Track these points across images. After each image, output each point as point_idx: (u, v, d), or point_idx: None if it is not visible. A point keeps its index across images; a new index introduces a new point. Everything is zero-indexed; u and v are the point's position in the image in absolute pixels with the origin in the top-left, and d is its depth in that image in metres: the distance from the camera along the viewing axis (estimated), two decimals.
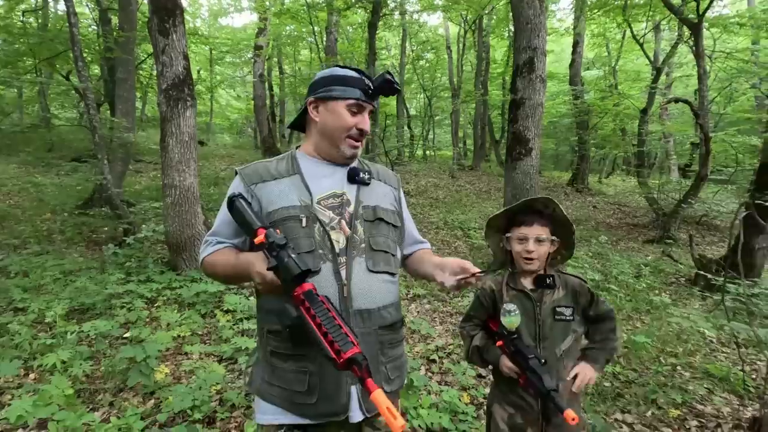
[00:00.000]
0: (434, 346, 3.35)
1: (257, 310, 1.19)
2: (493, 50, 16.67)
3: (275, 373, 1.11)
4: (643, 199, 10.03)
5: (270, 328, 1.11)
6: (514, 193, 5.08)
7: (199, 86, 17.42)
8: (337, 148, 1.19)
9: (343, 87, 1.16)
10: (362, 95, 1.16)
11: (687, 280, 5.61)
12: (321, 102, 1.19)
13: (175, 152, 4.48)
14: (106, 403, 2.45)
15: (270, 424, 1.11)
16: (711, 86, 13.10)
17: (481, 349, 1.46)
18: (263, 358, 1.15)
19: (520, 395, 1.41)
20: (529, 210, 1.45)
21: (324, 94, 1.17)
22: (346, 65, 1.22)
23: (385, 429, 1.17)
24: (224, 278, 1.21)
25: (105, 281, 4.07)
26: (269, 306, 1.11)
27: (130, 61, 7.53)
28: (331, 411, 1.08)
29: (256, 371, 1.18)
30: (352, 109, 1.16)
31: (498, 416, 1.44)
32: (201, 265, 1.21)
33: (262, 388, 1.13)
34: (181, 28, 4.54)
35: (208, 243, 1.19)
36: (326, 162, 1.22)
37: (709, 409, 2.66)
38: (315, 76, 1.23)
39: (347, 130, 1.17)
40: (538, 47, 4.99)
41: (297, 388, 1.08)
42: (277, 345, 1.10)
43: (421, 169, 13.76)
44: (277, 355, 1.10)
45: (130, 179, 9.10)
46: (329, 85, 1.17)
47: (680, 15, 7.64)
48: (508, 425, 1.42)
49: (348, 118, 1.17)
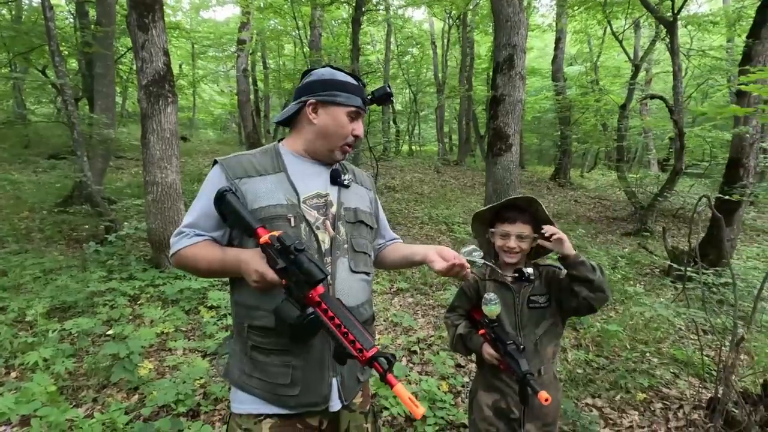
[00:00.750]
0: (416, 338, 3.44)
1: (234, 305, 1.20)
2: (478, 46, 16.77)
3: (256, 366, 1.13)
4: (623, 193, 10.30)
5: (252, 323, 1.13)
6: (495, 188, 5.19)
7: (181, 81, 17.15)
8: (332, 151, 1.22)
9: (346, 94, 1.18)
10: (362, 103, 1.20)
11: (661, 271, 5.82)
12: (322, 105, 1.19)
13: (156, 149, 4.46)
14: (89, 399, 2.47)
15: (248, 414, 1.14)
16: (688, 83, 13.47)
17: (464, 337, 1.54)
18: (242, 352, 1.16)
19: (503, 381, 1.50)
20: (513, 207, 1.53)
21: (327, 98, 1.18)
22: (339, 68, 1.23)
23: (359, 409, 1.26)
24: (206, 272, 1.15)
25: (86, 279, 4.05)
26: (252, 302, 1.13)
27: (109, 56, 7.39)
28: (313, 401, 1.13)
29: (234, 363, 1.19)
30: (351, 115, 1.20)
31: (482, 402, 1.52)
32: (174, 255, 1.16)
33: (241, 379, 1.15)
34: (161, 23, 4.50)
35: (185, 234, 1.15)
36: (313, 162, 1.24)
37: (674, 392, 2.81)
38: (312, 76, 1.22)
39: (345, 137, 1.20)
40: (518, 44, 5.09)
41: (280, 381, 1.11)
42: (259, 340, 1.12)
43: (407, 165, 13.84)
44: (259, 349, 1.12)
45: (111, 176, 8.96)
46: (332, 90, 1.18)
47: (656, 13, 7.83)
48: (492, 409, 1.50)
49: (347, 125, 1.20)
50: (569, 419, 2.37)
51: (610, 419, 2.54)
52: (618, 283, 5.08)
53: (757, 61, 4.99)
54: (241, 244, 1.15)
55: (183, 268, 1.19)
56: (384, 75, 16.28)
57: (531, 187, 12.22)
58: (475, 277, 1.58)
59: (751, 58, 5.03)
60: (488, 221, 1.59)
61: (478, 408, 1.53)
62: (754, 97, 4.88)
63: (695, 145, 10.14)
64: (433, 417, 2.38)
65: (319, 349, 1.14)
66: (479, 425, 1.51)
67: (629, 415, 2.59)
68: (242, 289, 1.15)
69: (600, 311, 4.24)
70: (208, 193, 1.14)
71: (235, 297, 1.20)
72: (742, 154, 5.32)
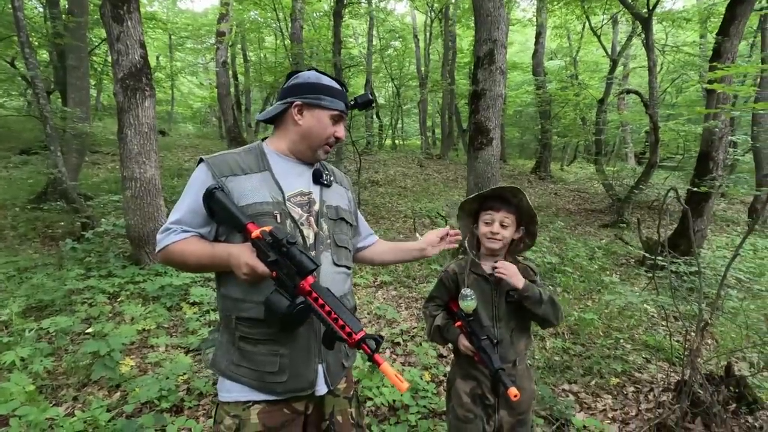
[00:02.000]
0: (399, 330, 3.49)
1: (220, 299, 1.23)
2: (460, 40, 16.83)
3: (244, 356, 1.17)
4: (601, 186, 10.56)
5: (239, 315, 1.17)
6: (476, 182, 5.26)
7: (158, 73, 16.73)
8: (314, 152, 1.27)
9: (331, 98, 1.24)
10: (345, 108, 1.26)
11: (636, 261, 6.02)
12: (308, 107, 1.24)
13: (134, 143, 4.38)
14: (69, 398, 2.44)
15: (236, 401, 1.18)
16: (663, 78, 13.84)
17: (441, 328, 1.59)
18: (230, 343, 1.20)
19: (479, 370, 1.56)
20: (498, 197, 1.58)
21: (313, 101, 1.23)
22: (324, 72, 1.28)
23: (343, 394, 1.32)
24: (195, 267, 1.18)
25: (63, 277, 3.96)
26: (239, 295, 1.17)
27: (82, 47, 7.17)
28: (300, 387, 1.19)
29: (220, 354, 1.22)
30: (334, 118, 1.25)
31: (460, 389, 1.58)
32: (161, 251, 1.18)
33: (229, 369, 1.19)
34: (137, 14, 4.40)
35: (172, 231, 1.18)
36: (296, 161, 1.29)
37: (645, 376, 2.94)
38: (299, 78, 1.26)
39: (327, 139, 1.26)
40: (498, 39, 5.14)
41: (268, 369, 1.15)
42: (247, 331, 1.16)
43: (390, 159, 13.86)
44: (247, 340, 1.16)
45: (86, 171, 8.73)
46: (318, 93, 1.23)
47: (632, 9, 8.01)
48: (470, 396, 1.57)
49: (330, 127, 1.25)
50: (546, 404, 2.47)
51: (585, 403, 2.65)
52: (595, 273, 5.24)
53: (726, 58, 5.17)
54: (228, 239, 1.19)
55: (169, 263, 1.22)
56: (366, 68, 16.21)
57: (512, 181, 12.41)
58: (454, 269, 1.63)
59: (721, 54, 5.20)
60: (473, 214, 1.64)
61: (457, 395, 1.58)
62: (723, 93, 5.06)
63: (670, 139, 10.47)
64: (415, 406, 2.43)
65: (305, 337, 1.19)
66: (458, 411, 1.57)
67: (603, 398, 2.70)
68: (229, 283, 1.19)
69: (577, 300, 4.38)
70: (195, 191, 1.18)
71: (222, 291, 1.23)
72: (712, 147, 5.52)
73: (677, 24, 10.31)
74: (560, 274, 5.00)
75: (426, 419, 2.36)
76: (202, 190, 1.15)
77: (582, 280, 4.96)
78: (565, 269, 5.15)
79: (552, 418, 2.39)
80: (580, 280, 4.98)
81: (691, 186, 5.42)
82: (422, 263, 5.31)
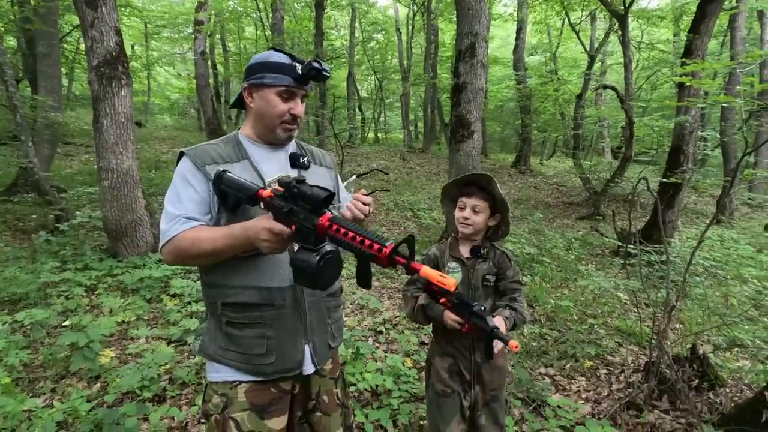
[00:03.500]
0: (381, 319, 3.54)
1: (208, 286, 1.23)
2: (442, 33, 16.86)
3: (232, 340, 1.19)
4: (579, 179, 10.82)
5: (225, 301, 1.18)
6: (457, 174, 5.33)
7: (134, 63, 16.25)
8: (273, 132, 1.25)
9: (274, 74, 1.20)
10: (292, 82, 1.20)
11: (611, 252, 6.22)
12: (254, 88, 1.23)
13: (110, 134, 4.27)
14: (47, 390, 2.41)
15: (224, 381, 1.20)
16: (638, 74, 14.20)
17: (425, 307, 1.63)
18: (217, 329, 1.21)
19: (455, 347, 1.62)
20: (475, 184, 1.66)
21: (256, 80, 1.21)
22: (281, 50, 1.25)
23: (329, 375, 1.35)
24: (209, 252, 1.11)
25: (37, 270, 3.86)
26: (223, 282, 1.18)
27: (53, 34, 6.91)
28: (288, 368, 1.21)
29: (208, 340, 1.24)
30: (283, 95, 1.21)
31: (438, 366, 1.65)
32: (169, 241, 1.14)
33: (217, 353, 1.20)
34: (112, 0, 4.27)
35: (177, 220, 1.15)
36: (267, 146, 1.29)
37: (617, 359, 3.08)
38: (251, 60, 1.25)
39: (280, 117, 1.22)
40: (479, 33, 5.20)
41: (256, 351, 1.17)
42: (233, 316, 1.18)
43: (372, 152, 13.86)
44: (234, 324, 1.18)
45: (59, 163, 8.45)
46: (262, 72, 1.21)
47: (609, 6, 8.19)
48: (448, 372, 1.63)
49: (280, 105, 1.21)
50: (524, 387, 2.56)
51: (561, 385, 2.76)
52: (572, 263, 5.40)
53: (697, 55, 5.36)
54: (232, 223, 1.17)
55: (178, 254, 1.15)
56: (349, 61, 16.10)
57: (493, 174, 12.53)
58: (435, 252, 1.68)
59: (692, 51, 5.39)
60: (455, 198, 1.72)
61: (435, 372, 1.65)
62: (693, 88, 5.25)
63: (644, 134, 10.78)
64: (397, 390, 2.49)
65: (291, 319, 1.21)
66: (436, 386, 1.64)
67: (577, 380, 2.81)
68: (213, 270, 1.20)
69: (555, 289, 4.51)
70: (188, 181, 1.17)
71: (205, 279, 1.24)
72: (683, 142, 5.73)
73: (652, 22, 10.60)
74: (538, 264, 5.14)
75: (408, 403, 2.42)
76: (192, 179, 1.16)
77: (559, 270, 5.11)
78: (543, 259, 5.29)
79: (529, 400, 2.48)
80: (558, 269, 5.14)
81: (663, 178, 5.62)
82: None
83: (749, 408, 2.03)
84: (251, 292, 1.18)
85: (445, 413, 1.61)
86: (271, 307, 1.19)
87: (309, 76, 1.21)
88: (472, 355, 1.62)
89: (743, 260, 5.71)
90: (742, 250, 6.22)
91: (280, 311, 1.20)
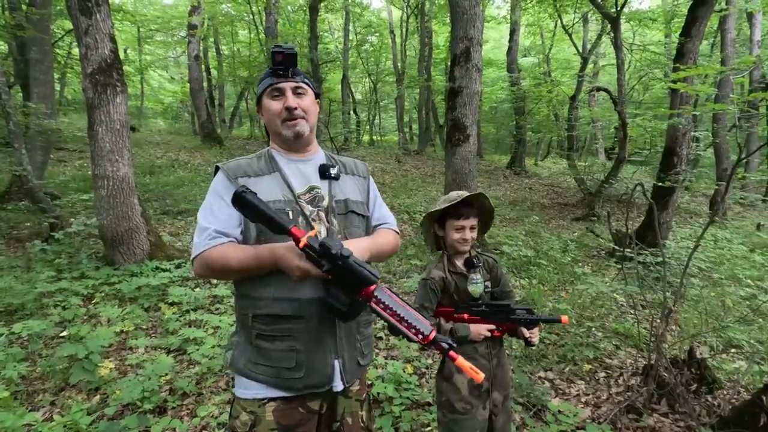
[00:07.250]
0: (381, 325, 3.54)
1: (240, 298, 1.23)
2: (436, 36, 16.94)
3: (261, 353, 1.18)
4: (573, 180, 10.90)
5: (255, 313, 1.17)
6: (454, 177, 5.36)
7: (127, 67, 16.12)
8: (280, 135, 1.26)
9: (261, 82, 1.27)
10: (272, 78, 1.24)
11: (606, 253, 6.27)
12: (258, 105, 1.30)
13: (105, 141, 4.24)
14: (47, 403, 2.39)
15: (253, 399, 1.19)
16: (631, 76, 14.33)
17: (453, 330, 1.63)
18: (247, 342, 1.22)
19: (476, 358, 1.63)
20: (466, 204, 1.68)
21: (257, 97, 1.29)
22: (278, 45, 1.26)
23: (355, 396, 1.32)
24: (237, 269, 1.15)
25: (33, 280, 3.83)
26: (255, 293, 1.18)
27: (46, 40, 6.86)
28: (318, 383, 1.20)
29: (238, 353, 1.24)
30: (272, 94, 1.25)
31: (459, 382, 1.64)
32: (200, 255, 1.17)
33: (247, 367, 1.20)
34: (106, 7, 4.25)
35: (207, 235, 1.17)
36: (296, 159, 1.30)
37: (615, 362, 3.10)
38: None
39: (277, 116, 1.25)
40: (474, 37, 5.23)
41: (285, 365, 1.17)
42: (263, 328, 1.18)
43: (368, 155, 13.87)
44: (264, 337, 1.18)
45: (52, 169, 8.37)
46: (258, 87, 1.29)
47: (601, 8, 8.27)
48: (468, 387, 1.64)
49: (273, 104, 1.25)
50: (524, 391, 2.58)
51: (560, 389, 2.78)
52: (568, 265, 5.43)
53: (689, 58, 5.43)
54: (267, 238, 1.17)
55: (207, 268, 1.18)
56: (343, 64, 16.12)
57: (488, 176, 12.65)
58: (439, 273, 1.68)
59: (683, 54, 5.46)
60: (436, 217, 1.73)
61: (455, 390, 1.64)
62: (685, 93, 5.31)
63: (637, 135, 10.90)
64: (399, 398, 2.49)
65: (321, 333, 1.20)
66: (457, 405, 1.63)
67: (577, 384, 2.83)
68: (245, 282, 1.20)
69: (552, 291, 4.54)
70: (221, 196, 1.20)
71: (239, 290, 1.24)
72: (676, 143, 5.79)
73: (644, 24, 10.71)
74: (536, 267, 5.17)
75: (409, 410, 2.42)
76: (226, 193, 1.18)
77: (556, 272, 5.14)
78: (540, 262, 5.32)
79: (529, 404, 2.50)
80: (555, 272, 5.17)
81: (657, 180, 5.67)
82: (401, 258, 5.38)
83: (746, 411, 2.06)
84: (283, 304, 1.17)
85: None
86: (302, 319, 1.18)
87: (282, 65, 1.23)
88: (490, 362, 1.65)
89: (737, 260, 5.78)
90: (736, 249, 6.30)
91: (310, 324, 1.18)
